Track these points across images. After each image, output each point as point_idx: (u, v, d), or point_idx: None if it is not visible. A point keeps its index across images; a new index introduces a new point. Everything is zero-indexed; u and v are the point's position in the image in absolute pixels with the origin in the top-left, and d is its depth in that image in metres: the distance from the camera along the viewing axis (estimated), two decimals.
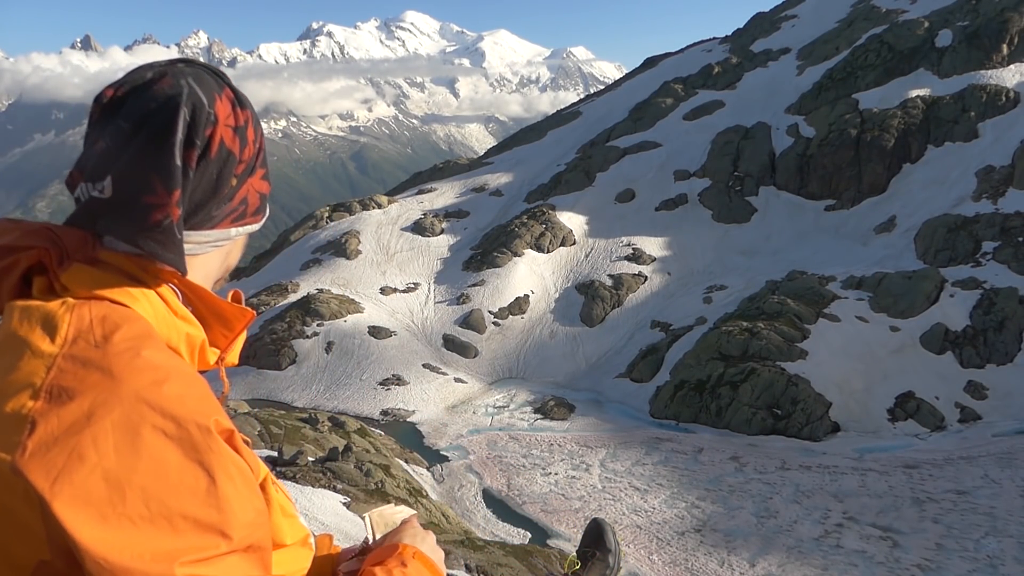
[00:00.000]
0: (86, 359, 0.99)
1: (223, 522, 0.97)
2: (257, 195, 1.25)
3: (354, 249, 52.34)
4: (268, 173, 1.29)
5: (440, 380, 40.47)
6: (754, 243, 51.14)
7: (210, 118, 1.12)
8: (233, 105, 1.18)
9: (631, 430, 34.66)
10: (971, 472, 28.12)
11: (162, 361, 1.03)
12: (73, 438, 0.92)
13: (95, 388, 0.96)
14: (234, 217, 1.21)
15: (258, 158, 1.24)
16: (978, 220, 44.42)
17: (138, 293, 1.12)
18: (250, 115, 1.22)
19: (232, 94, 1.19)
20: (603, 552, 2.71)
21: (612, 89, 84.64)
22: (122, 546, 0.90)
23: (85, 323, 1.03)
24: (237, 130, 1.17)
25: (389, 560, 1.43)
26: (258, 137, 1.24)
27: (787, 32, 72.40)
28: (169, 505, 0.93)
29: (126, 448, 0.93)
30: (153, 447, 0.94)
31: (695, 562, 23.37)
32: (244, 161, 1.19)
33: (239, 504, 1.00)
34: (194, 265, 1.19)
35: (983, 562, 22.41)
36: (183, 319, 1.16)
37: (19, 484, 0.91)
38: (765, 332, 36.58)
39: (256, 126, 1.24)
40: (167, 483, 0.94)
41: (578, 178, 59.10)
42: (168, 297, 1.15)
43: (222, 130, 1.14)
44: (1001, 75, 52.83)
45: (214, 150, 1.13)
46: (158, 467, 0.94)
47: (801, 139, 55.84)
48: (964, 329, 37.07)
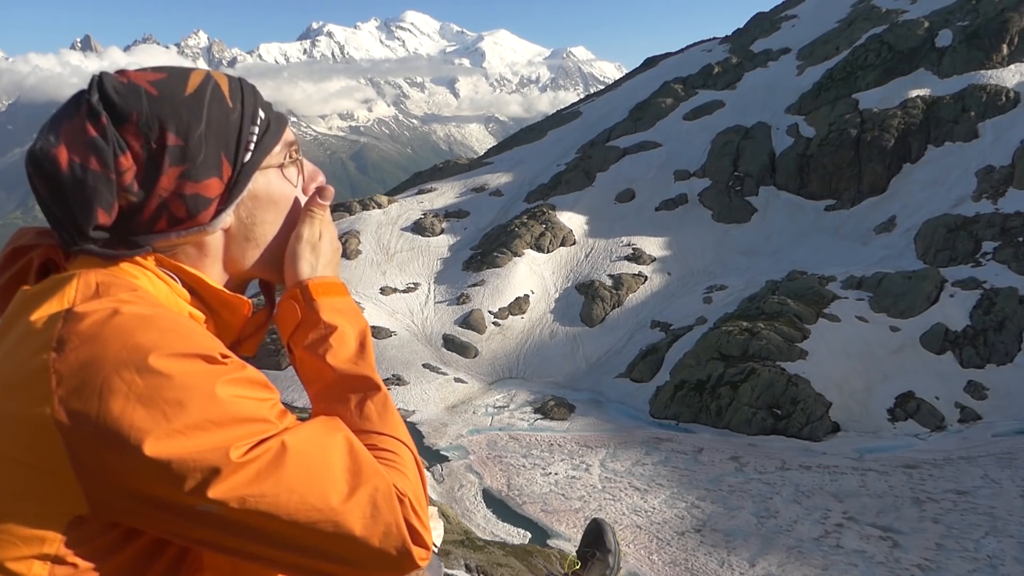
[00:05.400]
0: (95, 308, 1.02)
1: (261, 409, 1.03)
2: (177, 197, 1.13)
3: (354, 249, 52.35)
4: (204, 167, 1.15)
5: (440, 380, 40.47)
6: (754, 243, 51.15)
7: (42, 154, 1.10)
8: (86, 119, 1.09)
9: (631, 430, 34.66)
10: (971, 472, 28.11)
11: (167, 311, 1.09)
12: (98, 375, 0.96)
13: (106, 327, 1.00)
14: (166, 223, 1.14)
15: (160, 160, 1.11)
16: (978, 220, 44.41)
17: (138, 272, 1.15)
18: (130, 120, 1.10)
19: (90, 107, 1.09)
20: (603, 552, 2.72)
21: (612, 89, 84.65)
22: (177, 450, 0.95)
23: (91, 285, 1.08)
24: (89, 143, 1.08)
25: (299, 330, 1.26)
26: (151, 138, 1.11)
27: (787, 32, 72.41)
28: (207, 408, 0.97)
29: (147, 372, 0.96)
30: (170, 366, 0.98)
31: (695, 562, 23.37)
32: (127, 170, 1.09)
33: (268, 394, 1.06)
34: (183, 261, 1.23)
35: (983, 562, 22.41)
36: (184, 299, 1.18)
37: (54, 437, 0.94)
38: (765, 332, 36.59)
39: (144, 126, 1.10)
40: (198, 392, 0.98)
41: (578, 178, 59.11)
42: (168, 281, 1.17)
43: (67, 151, 1.08)
44: (1001, 75, 52.82)
45: (63, 172, 1.08)
46: (183, 380, 0.97)
47: (801, 139, 55.86)
48: (964, 329, 37.06)
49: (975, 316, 37.51)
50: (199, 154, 1.15)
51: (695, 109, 63.80)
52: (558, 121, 77.18)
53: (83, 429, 0.94)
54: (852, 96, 56.60)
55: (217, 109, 1.17)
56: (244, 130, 1.20)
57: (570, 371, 42.33)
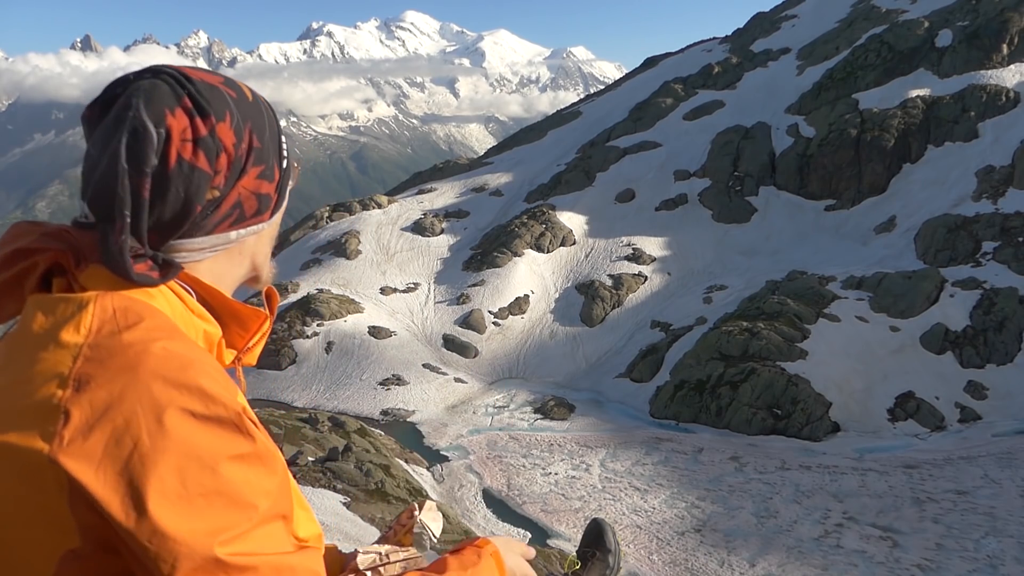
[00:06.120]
0: (112, 347, 1.01)
1: (255, 495, 1.00)
2: (253, 196, 1.22)
3: (354, 249, 52.34)
4: (270, 168, 1.26)
5: (440, 380, 40.46)
6: (754, 243, 51.14)
7: (159, 138, 1.08)
8: (192, 116, 1.12)
9: (631, 430, 34.66)
10: (971, 472, 28.11)
11: (186, 349, 1.06)
12: (108, 424, 0.94)
13: (123, 373, 0.98)
14: (231, 221, 1.21)
15: (248, 159, 1.20)
16: (978, 220, 44.41)
17: (155, 291, 1.13)
18: (225, 119, 1.16)
19: (192, 103, 1.13)
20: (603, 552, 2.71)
21: (612, 89, 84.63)
22: (163, 524, 0.93)
23: (108, 313, 1.05)
24: (199, 142, 1.12)
25: (464, 551, 1.44)
26: (243, 139, 1.19)
27: (787, 32, 72.39)
28: (204, 483, 0.96)
29: (157, 430, 0.95)
30: (183, 428, 0.96)
31: (695, 562, 23.37)
32: (222, 170, 1.15)
33: (268, 477, 1.03)
34: (199, 270, 1.21)
35: (983, 562, 22.40)
36: (200, 316, 1.19)
37: (50, 474, 0.93)
38: (765, 332, 36.58)
39: (237, 127, 1.17)
40: (200, 462, 0.96)
41: (578, 178, 59.10)
42: (184, 296, 1.18)
43: (178, 146, 1.10)
44: (1001, 75, 52.82)
45: (171, 169, 1.09)
46: (190, 447, 0.96)
47: (801, 139, 55.85)
48: (964, 329, 37.06)
49: (975, 316, 37.51)
50: (270, 157, 1.26)
51: (695, 109, 63.79)
52: (558, 121, 77.17)
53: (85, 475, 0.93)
54: (852, 96, 56.60)
55: (270, 117, 1.28)
56: (282, 138, 1.32)
57: (570, 371, 42.33)
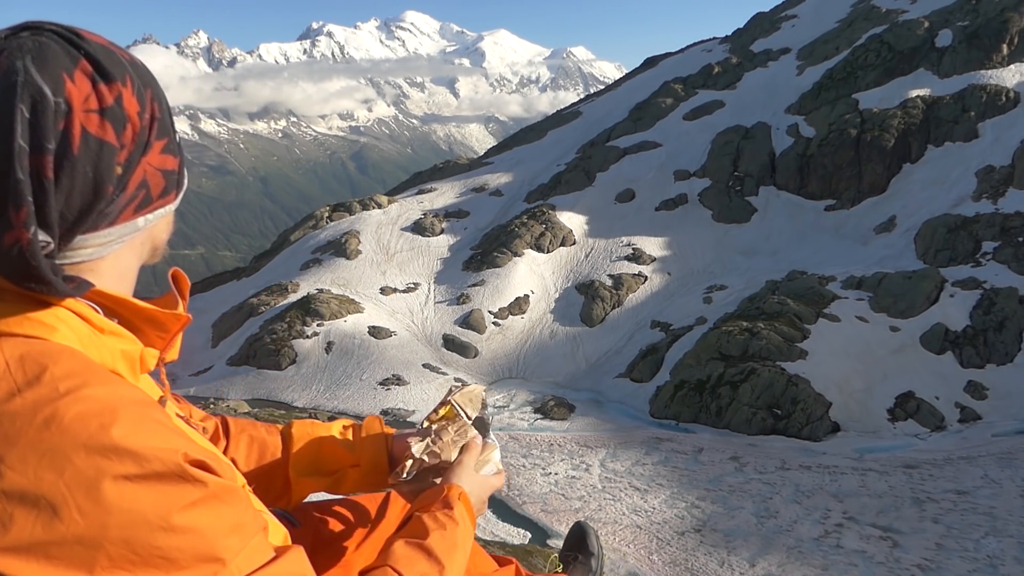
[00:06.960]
0: (14, 414, 0.85)
1: (215, 547, 0.91)
2: (159, 173, 1.03)
3: (354, 249, 52.34)
4: (173, 141, 1.07)
5: (440, 380, 40.44)
6: (754, 243, 51.14)
7: (59, 109, 0.89)
8: (94, 81, 0.93)
9: (631, 430, 34.65)
10: (971, 472, 28.10)
11: (104, 395, 0.90)
12: (31, 513, 0.80)
13: (36, 449, 0.83)
14: (136, 206, 1.01)
15: (151, 132, 1.01)
16: (978, 220, 44.41)
17: (51, 319, 0.95)
18: (127, 85, 0.97)
19: (92, 66, 0.94)
20: (586, 555, 2.73)
21: (612, 89, 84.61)
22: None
23: (1, 370, 0.88)
24: (105, 112, 0.93)
25: (434, 505, 1.46)
26: (146, 107, 1.00)
27: (787, 32, 72.39)
28: (159, 545, 0.86)
29: (91, 508, 0.83)
30: (120, 497, 0.84)
31: (695, 562, 23.36)
32: (127, 144, 0.96)
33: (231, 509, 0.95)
34: (101, 268, 1.02)
35: (983, 562, 22.39)
36: (112, 334, 1.02)
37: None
38: (765, 332, 36.58)
39: (139, 94, 0.98)
40: (149, 526, 0.85)
41: (578, 178, 59.10)
42: (88, 314, 1.00)
43: (81, 118, 0.91)
44: (1001, 75, 52.82)
45: (75, 146, 0.90)
46: (132, 515, 0.85)
47: (801, 139, 55.85)
48: (964, 329, 37.06)
49: (975, 316, 37.50)
50: (170, 128, 1.06)
51: (695, 109, 63.78)
52: (558, 121, 77.16)
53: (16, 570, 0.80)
54: (852, 96, 56.59)
55: (159, 85, 1.07)
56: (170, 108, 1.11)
57: (570, 371, 42.33)
